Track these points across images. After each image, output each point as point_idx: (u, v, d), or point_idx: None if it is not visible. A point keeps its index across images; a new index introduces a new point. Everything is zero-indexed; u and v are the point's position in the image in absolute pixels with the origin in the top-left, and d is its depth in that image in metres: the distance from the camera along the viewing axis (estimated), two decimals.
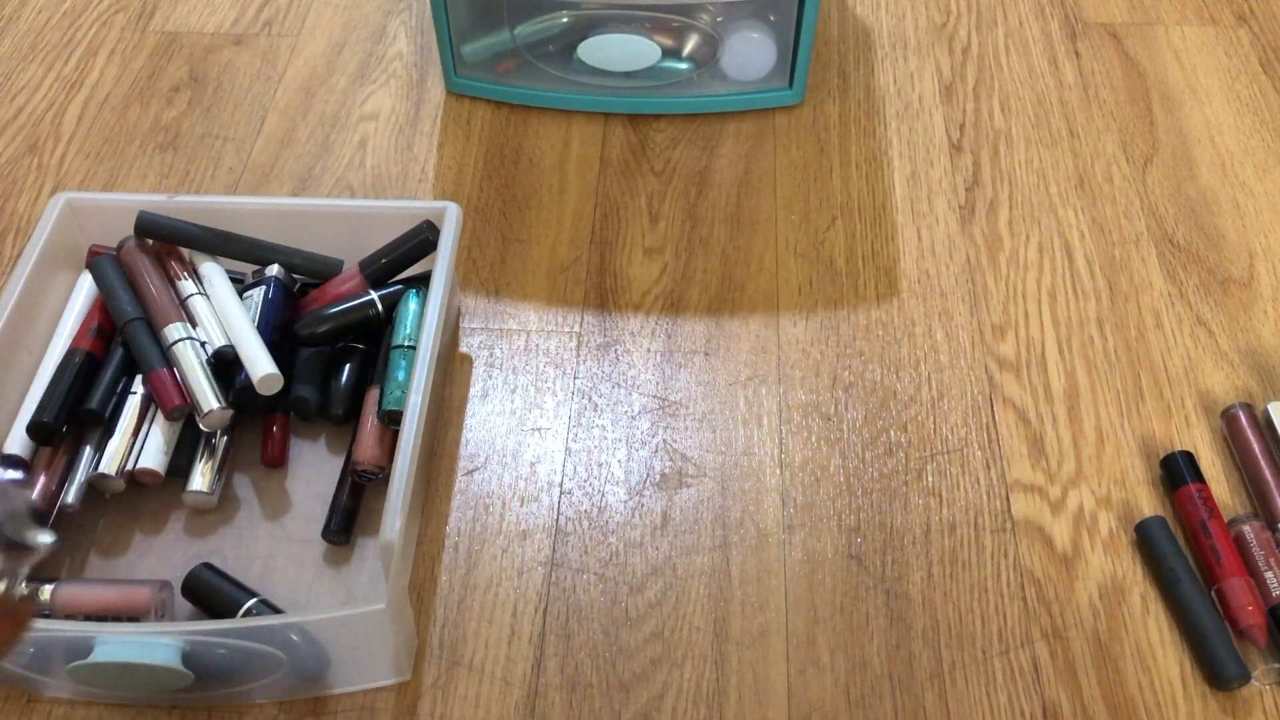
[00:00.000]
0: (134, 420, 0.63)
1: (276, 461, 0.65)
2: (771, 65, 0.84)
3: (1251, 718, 0.57)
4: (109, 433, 0.62)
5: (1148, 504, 0.65)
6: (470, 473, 0.66)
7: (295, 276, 0.69)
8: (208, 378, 0.62)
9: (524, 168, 0.82)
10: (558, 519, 0.64)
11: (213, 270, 0.68)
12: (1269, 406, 0.67)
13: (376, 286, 0.68)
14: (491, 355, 0.72)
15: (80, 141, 0.83)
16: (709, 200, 0.80)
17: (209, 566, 0.59)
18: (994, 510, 0.65)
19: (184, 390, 0.62)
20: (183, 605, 0.59)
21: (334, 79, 0.88)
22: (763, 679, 0.58)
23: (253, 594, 0.58)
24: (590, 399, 0.69)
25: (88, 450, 0.62)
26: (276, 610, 0.58)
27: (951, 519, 0.64)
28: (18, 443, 0.62)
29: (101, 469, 0.61)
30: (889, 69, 0.90)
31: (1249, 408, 0.67)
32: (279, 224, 0.69)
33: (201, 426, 0.62)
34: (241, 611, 0.57)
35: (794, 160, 0.83)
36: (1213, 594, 0.60)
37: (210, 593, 0.59)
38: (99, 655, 0.52)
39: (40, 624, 0.53)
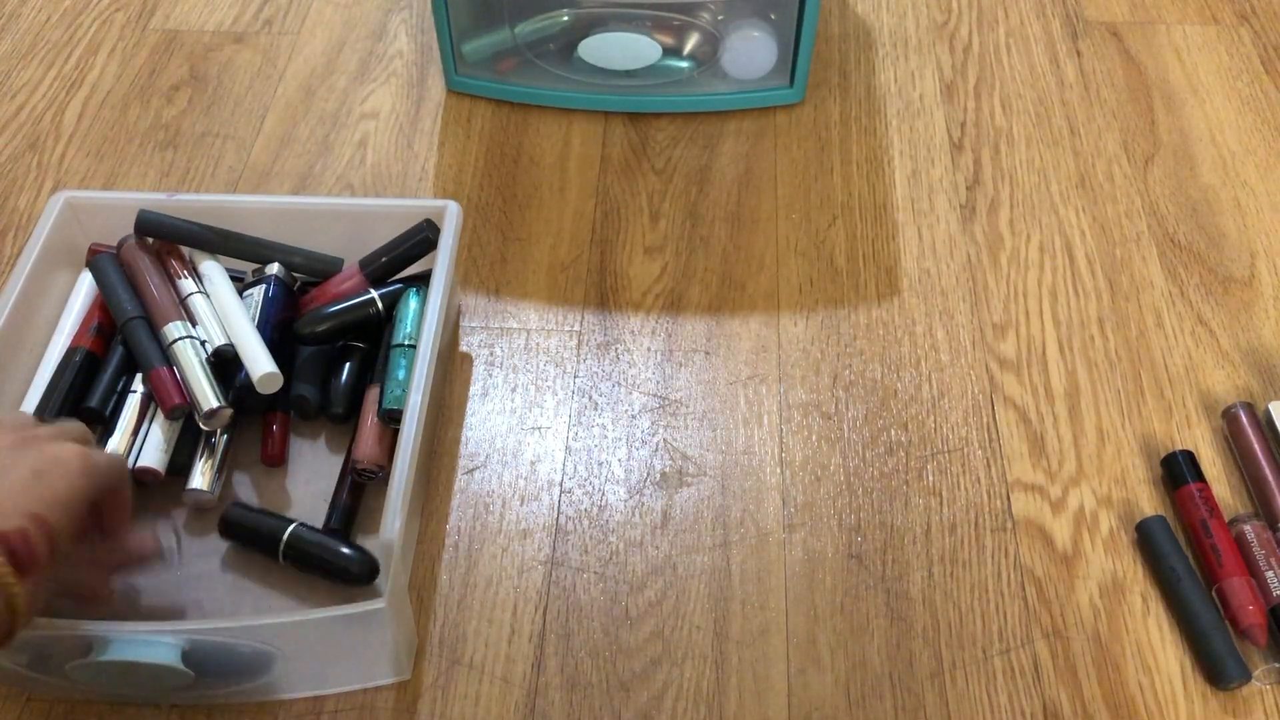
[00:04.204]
0: (134, 419, 0.63)
1: (276, 460, 0.65)
2: (772, 64, 0.84)
3: (1252, 717, 0.57)
4: (109, 431, 0.62)
5: (1148, 503, 0.65)
6: (470, 471, 0.66)
7: (295, 275, 0.69)
8: (207, 376, 0.62)
9: (524, 166, 0.82)
10: (558, 518, 0.64)
11: (213, 269, 0.68)
12: (1270, 406, 0.66)
13: (377, 285, 0.68)
14: (492, 354, 0.72)
15: (80, 140, 0.83)
16: (709, 199, 0.80)
17: (240, 504, 0.62)
18: (994, 509, 0.65)
19: (184, 389, 0.62)
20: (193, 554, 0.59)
21: (334, 77, 0.88)
22: (763, 678, 0.58)
23: (290, 520, 0.60)
24: (590, 398, 0.69)
25: None
26: (317, 531, 0.60)
27: (952, 518, 0.64)
28: None
29: None
30: (890, 68, 0.90)
31: (1250, 407, 0.67)
32: (279, 222, 0.69)
33: (201, 425, 0.62)
34: (286, 535, 0.59)
35: (795, 159, 0.83)
36: (1213, 593, 0.60)
37: (250, 528, 0.61)
38: (98, 654, 0.52)
39: (40, 622, 0.53)
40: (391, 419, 0.63)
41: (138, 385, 0.64)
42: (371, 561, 0.59)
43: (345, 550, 0.59)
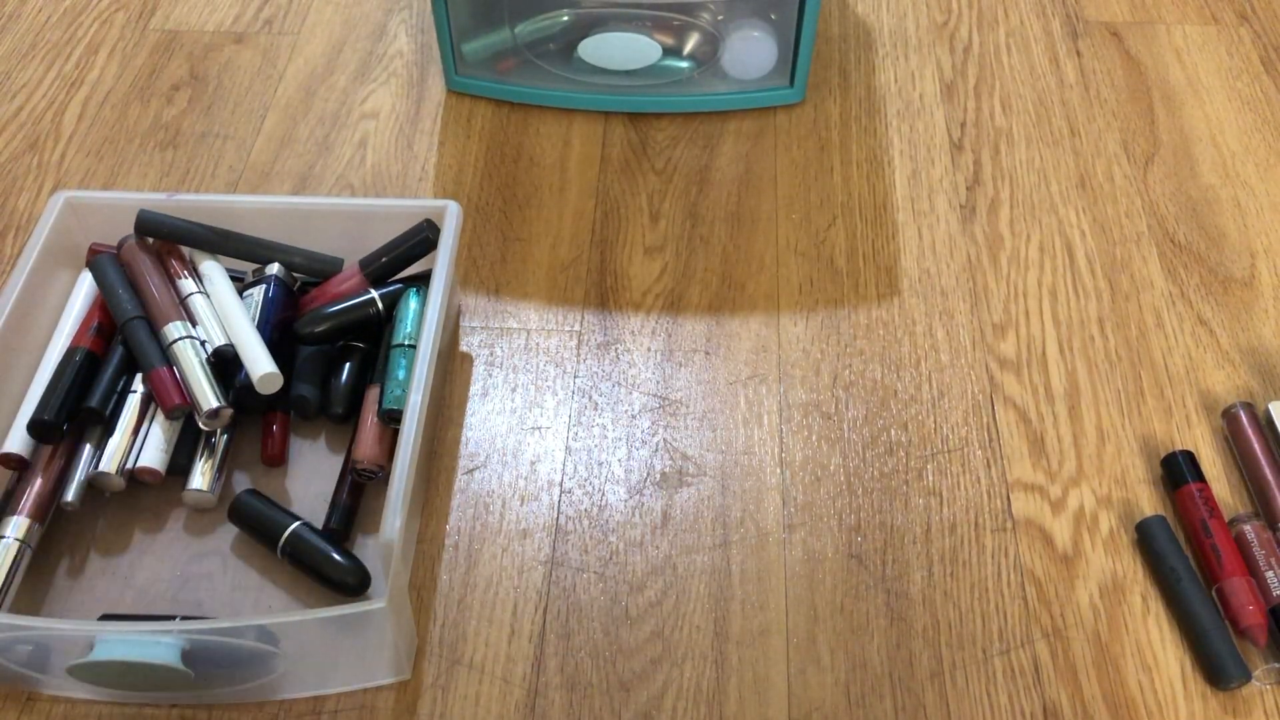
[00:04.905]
0: (134, 419, 0.63)
1: (276, 460, 0.65)
2: (772, 64, 0.84)
3: (1252, 717, 0.57)
4: (109, 431, 0.62)
5: (1148, 503, 0.65)
6: (470, 471, 0.66)
7: (295, 275, 0.69)
8: (207, 376, 0.62)
9: (524, 166, 0.82)
10: (558, 518, 0.64)
11: (213, 269, 0.68)
12: (1270, 406, 0.66)
13: (377, 285, 0.68)
14: (492, 354, 0.72)
15: (80, 140, 0.83)
16: (709, 199, 0.80)
17: (253, 493, 0.62)
18: (994, 509, 0.65)
19: (184, 389, 0.62)
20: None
21: (334, 77, 0.88)
22: (763, 678, 0.58)
23: (296, 518, 0.61)
24: (590, 398, 0.69)
25: (88, 449, 0.62)
26: (317, 533, 0.60)
27: (952, 518, 0.64)
28: (18, 441, 0.62)
29: (102, 467, 0.61)
30: (890, 68, 0.90)
31: (1250, 407, 0.67)
32: (279, 222, 0.69)
33: (201, 425, 0.62)
34: (285, 534, 0.60)
35: (795, 159, 0.83)
36: (1213, 593, 0.60)
37: (256, 518, 0.61)
38: (99, 654, 0.52)
39: (40, 622, 0.54)
40: (391, 419, 0.63)
41: (138, 385, 0.64)
42: (364, 572, 0.59)
43: (339, 559, 0.59)
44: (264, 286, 0.67)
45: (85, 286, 0.69)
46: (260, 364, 0.62)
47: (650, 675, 0.58)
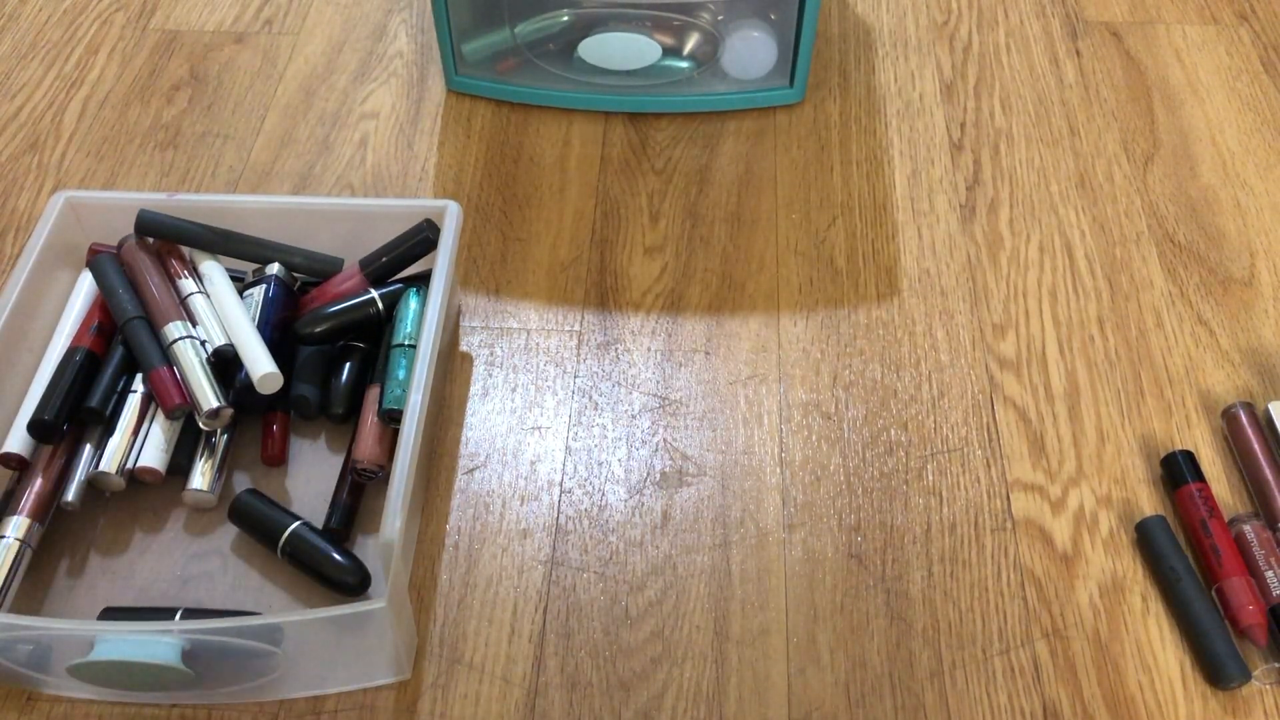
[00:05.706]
0: (134, 419, 0.63)
1: (276, 460, 0.65)
2: (772, 64, 0.84)
3: (1252, 717, 0.57)
4: (109, 431, 0.62)
5: (1148, 503, 0.65)
6: (470, 471, 0.66)
7: (295, 275, 0.69)
8: (207, 376, 0.62)
9: (524, 166, 0.82)
10: (558, 518, 0.64)
11: (213, 269, 0.68)
12: (1270, 406, 0.67)
13: (377, 285, 0.68)
14: (492, 354, 0.72)
15: (80, 140, 0.83)
16: (709, 199, 0.80)
17: (253, 492, 0.62)
18: (994, 509, 0.65)
19: (184, 389, 0.62)
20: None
21: (334, 77, 0.88)
22: (763, 678, 0.58)
23: (296, 518, 0.61)
24: (590, 398, 0.69)
25: (88, 448, 0.62)
26: (317, 533, 0.60)
27: (952, 518, 0.64)
28: (18, 441, 0.62)
29: (102, 467, 0.61)
30: (890, 67, 0.90)
31: (1250, 407, 0.67)
32: (279, 222, 0.69)
33: (201, 425, 0.62)
34: (285, 534, 0.60)
35: (795, 159, 0.83)
36: (1213, 593, 0.60)
37: (256, 518, 0.61)
38: (99, 654, 0.52)
39: (40, 622, 0.54)
40: (391, 419, 0.63)
41: (138, 385, 0.64)
42: (364, 572, 0.59)
43: (339, 559, 0.59)
44: (264, 286, 0.67)
45: (85, 286, 0.69)
46: (260, 364, 0.62)
47: (650, 675, 0.58)
